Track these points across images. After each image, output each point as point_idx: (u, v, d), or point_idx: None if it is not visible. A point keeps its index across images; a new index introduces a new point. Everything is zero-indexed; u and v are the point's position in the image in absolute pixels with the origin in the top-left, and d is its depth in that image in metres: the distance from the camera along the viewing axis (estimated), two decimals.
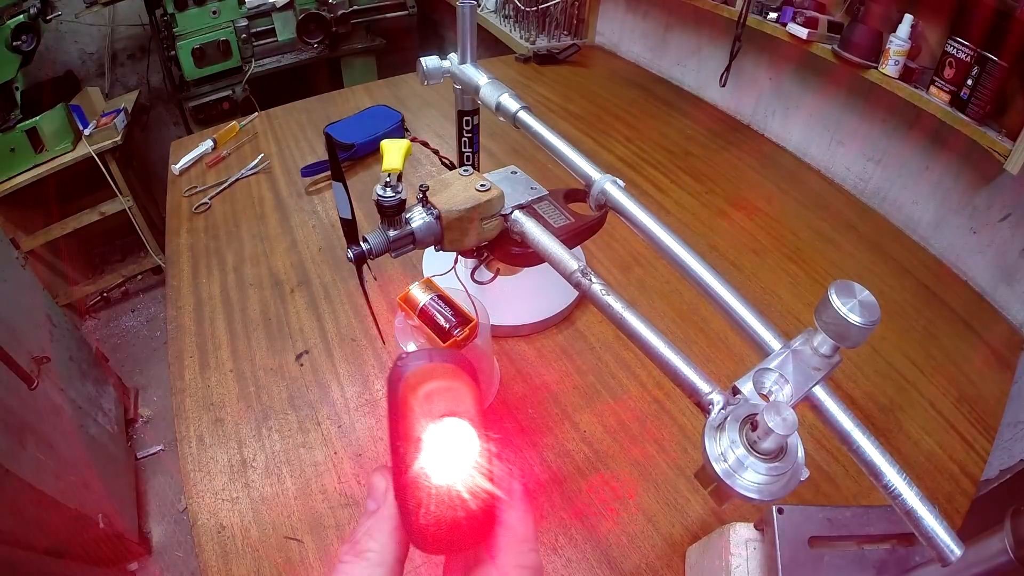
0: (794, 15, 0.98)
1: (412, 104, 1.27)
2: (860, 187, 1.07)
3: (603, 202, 0.46)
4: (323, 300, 0.79)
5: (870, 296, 0.31)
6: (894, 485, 0.31)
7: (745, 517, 0.52)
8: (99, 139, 1.69)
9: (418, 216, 0.44)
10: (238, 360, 0.71)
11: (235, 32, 1.83)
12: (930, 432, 0.67)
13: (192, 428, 0.64)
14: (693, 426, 0.65)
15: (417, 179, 1.02)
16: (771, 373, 0.32)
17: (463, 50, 0.63)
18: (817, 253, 0.91)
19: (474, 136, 0.71)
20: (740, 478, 0.28)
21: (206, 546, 0.54)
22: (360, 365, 0.71)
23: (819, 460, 0.63)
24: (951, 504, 0.61)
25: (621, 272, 0.85)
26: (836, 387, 0.70)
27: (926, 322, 0.81)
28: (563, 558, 0.54)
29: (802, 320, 0.79)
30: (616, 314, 0.37)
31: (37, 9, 1.47)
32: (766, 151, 1.18)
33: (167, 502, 1.54)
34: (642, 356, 0.46)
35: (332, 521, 0.56)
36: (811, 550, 0.41)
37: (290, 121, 1.21)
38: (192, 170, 1.07)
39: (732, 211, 0.99)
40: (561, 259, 0.42)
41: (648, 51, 1.50)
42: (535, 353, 0.73)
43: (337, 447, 0.62)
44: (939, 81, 0.81)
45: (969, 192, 0.89)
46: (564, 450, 0.62)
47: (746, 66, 1.21)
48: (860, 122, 1.03)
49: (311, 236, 0.90)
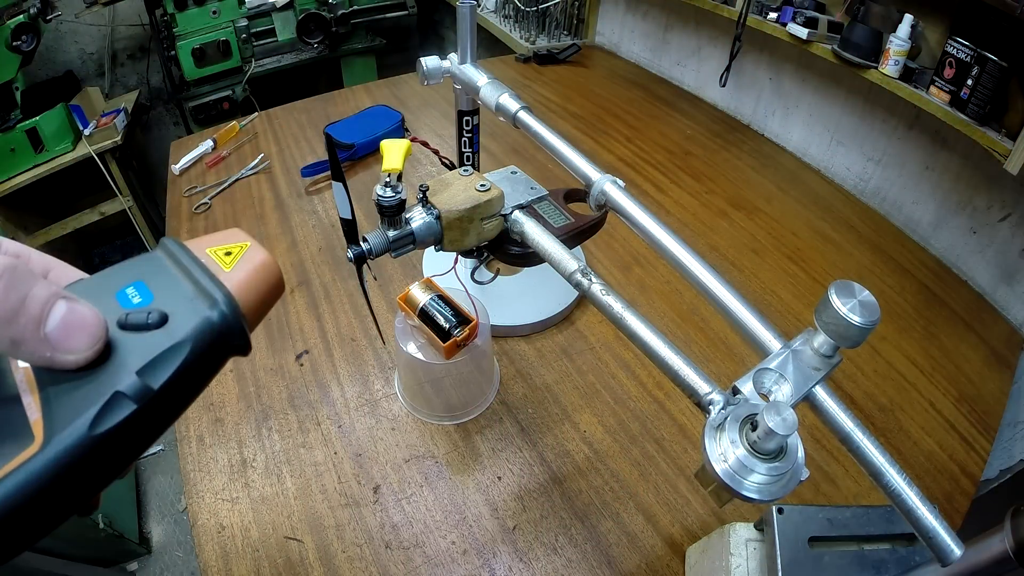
0: (794, 15, 0.98)
1: (412, 104, 1.27)
2: (860, 187, 1.07)
3: (603, 202, 0.46)
4: (323, 300, 0.79)
5: (870, 296, 0.31)
6: (894, 485, 0.31)
7: (745, 517, 0.52)
8: (99, 139, 1.69)
9: (418, 216, 0.44)
10: (238, 360, 0.71)
11: (235, 32, 1.83)
12: (930, 432, 0.67)
13: (192, 428, 0.64)
14: (693, 426, 0.65)
15: (417, 179, 1.02)
16: (771, 373, 0.32)
17: (463, 50, 0.63)
18: (817, 253, 0.91)
19: (474, 136, 0.71)
20: (740, 478, 0.28)
21: (206, 546, 0.54)
22: (360, 365, 0.71)
23: (819, 460, 0.63)
24: (951, 504, 0.61)
25: (621, 272, 0.85)
26: (836, 387, 0.70)
27: (926, 322, 0.81)
28: (563, 558, 0.54)
29: (802, 320, 0.79)
30: (616, 314, 0.37)
31: (37, 9, 1.47)
32: (766, 151, 1.18)
33: (167, 502, 1.54)
34: (642, 356, 0.46)
35: (332, 521, 0.56)
36: (811, 550, 0.41)
37: (290, 121, 1.21)
38: (192, 170, 1.07)
39: (732, 211, 0.99)
40: (561, 259, 0.42)
41: (648, 51, 1.50)
42: (535, 353, 0.73)
43: (337, 447, 0.62)
44: (939, 81, 0.81)
45: (969, 192, 0.89)
46: (564, 450, 0.62)
47: (746, 66, 1.22)
48: (860, 122, 1.03)
49: (311, 236, 0.90)
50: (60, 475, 0.18)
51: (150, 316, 0.21)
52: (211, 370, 0.22)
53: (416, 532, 0.55)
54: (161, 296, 0.22)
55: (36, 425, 0.19)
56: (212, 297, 0.22)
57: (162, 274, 0.23)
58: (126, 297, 0.22)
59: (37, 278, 0.20)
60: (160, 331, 0.21)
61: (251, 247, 0.24)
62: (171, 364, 0.20)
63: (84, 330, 0.20)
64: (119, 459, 0.20)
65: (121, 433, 0.19)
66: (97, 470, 0.19)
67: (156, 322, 0.21)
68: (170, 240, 0.24)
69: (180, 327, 0.21)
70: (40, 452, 0.18)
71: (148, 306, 0.21)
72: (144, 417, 0.20)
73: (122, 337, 0.21)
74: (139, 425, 0.20)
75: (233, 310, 0.22)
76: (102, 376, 0.20)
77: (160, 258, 0.23)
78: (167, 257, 0.23)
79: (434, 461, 0.61)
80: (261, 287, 0.24)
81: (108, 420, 0.19)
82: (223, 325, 0.22)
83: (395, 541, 0.55)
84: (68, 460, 0.18)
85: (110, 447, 0.19)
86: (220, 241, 0.24)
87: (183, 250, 0.23)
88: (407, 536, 0.55)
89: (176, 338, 0.21)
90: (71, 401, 0.19)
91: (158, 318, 0.21)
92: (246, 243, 0.25)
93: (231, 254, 0.24)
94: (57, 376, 0.20)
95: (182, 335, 0.21)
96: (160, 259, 0.23)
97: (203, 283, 0.22)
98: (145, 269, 0.23)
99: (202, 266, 0.23)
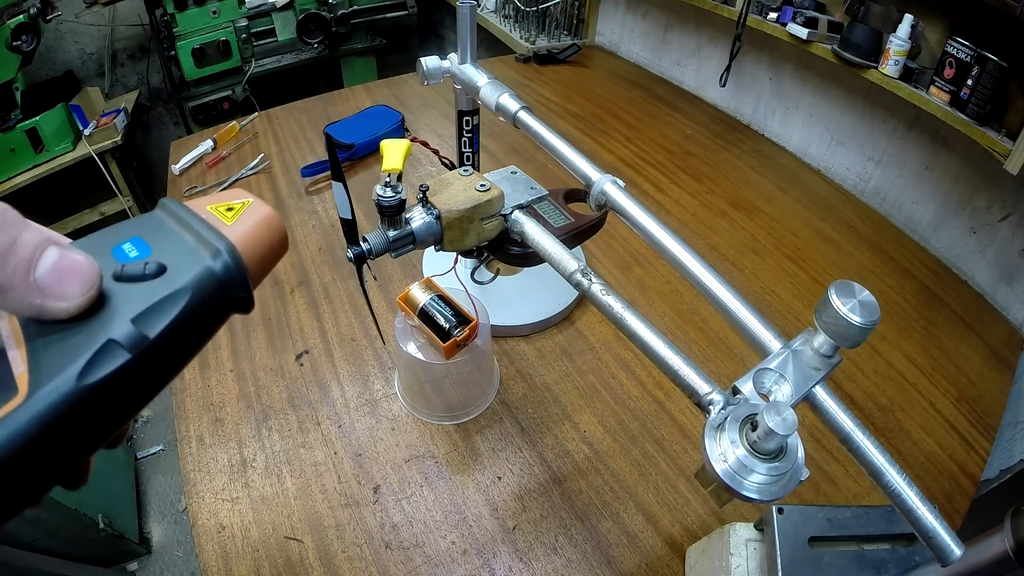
0: (794, 15, 0.98)
1: (412, 104, 1.27)
2: (860, 187, 1.07)
3: (603, 202, 0.46)
4: (323, 300, 0.79)
5: (870, 296, 0.31)
6: (894, 485, 0.31)
7: (745, 517, 0.52)
8: (99, 139, 1.69)
9: (418, 216, 0.44)
10: (238, 360, 0.71)
11: (235, 32, 1.83)
12: (930, 432, 0.67)
13: (192, 428, 0.64)
14: (693, 426, 0.65)
15: (417, 179, 1.02)
16: (771, 373, 0.32)
17: (463, 50, 0.63)
18: (817, 253, 0.91)
19: (474, 136, 0.72)
20: (740, 478, 0.28)
21: (206, 546, 0.54)
22: (360, 365, 0.71)
23: (819, 460, 0.63)
24: (951, 504, 0.61)
25: (621, 272, 0.85)
26: (836, 387, 0.70)
27: (926, 322, 0.81)
28: (563, 558, 0.54)
29: (802, 320, 0.79)
30: (616, 314, 0.37)
31: (37, 9, 1.47)
32: (766, 151, 1.18)
33: (167, 502, 1.54)
34: (642, 356, 0.46)
35: (332, 521, 0.56)
36: (811, 550, 0.41)
37: (290, 121, 1.21)
38: (192, 170, 1.07)
39: (732, 211, 0.99)
40: (561, 259, 0.42)
41: (648, 51, 1.50)
42: (535, 353, 0.73)
43: (337, 447, 0.62)
44: (939, 81, 0.81)
45: (969, 192, 0.89)
46: (564, 450, 0.62)
47: (746, 66, 1.22)
48: (860, 122, 1.03)
49: (311, 236, 0.90)
50: (45, 430, 0.17)
51: (147, 267, 0.20)
52: (212, 324, 0.21)
53: (416, 532, 0.55)
54: (160, 249, 0.21)
55: (21, 379, 0.17)
56: (214, 247, 0.21)
57: (161, 229, 0.22)
58: (123, 252, 0.21)
59: (27, 223, 0.19)
60: (158, 280, 0.20)
61: (253, 203, 0.24)
62: (169, 312, 0.19)
63: (77, 275, 0.19)
64: (110, 416, 0.19)
65: (113, 385, 0.18)
66: (86, 427, 0.18)
67: (153, 272, 0.20)
68: (169, 200, 0.23)
69: (179, 276, 0.20)
70: (24, 404, 0.17)
71: (146, 258, 0.21)
72: (138, 369, 0.19)
73: (117, 288, 0.20)
74: (132, 378, 0.19)
75: (236, 260, 0.21)
76: (94, 326, 0.19)
77: (160, 216, 0.23)
78: (167, 215, 0.23)
79: (434, 461, 0.61)
80: (264, 241, 0.23)
81: (99, 370, 0.18)
82: (225, 275, 0.21)
83: (395, 541, 0.55)
84: (54, 413, 0.17)
85: (100, 401, 0.18)
86: (222, 199, 0.24)
87: (183, 208, 0.23)
88: (407, 536, 0.55)
89: (175, 286, 0.20)
90: (60, 352, 0.18)
91: (156, 268, 0.20)
92: (248, 200, 0.24)
93: (233, 210, 0.23)
94: (46, 328, 0.18)
95: (181, 283, 0.20)
96: (160, 217, 0.23)
97: (204, 234, 0.21)
98: (144, 226, 0.22)
99: (203, 220, 0.22)
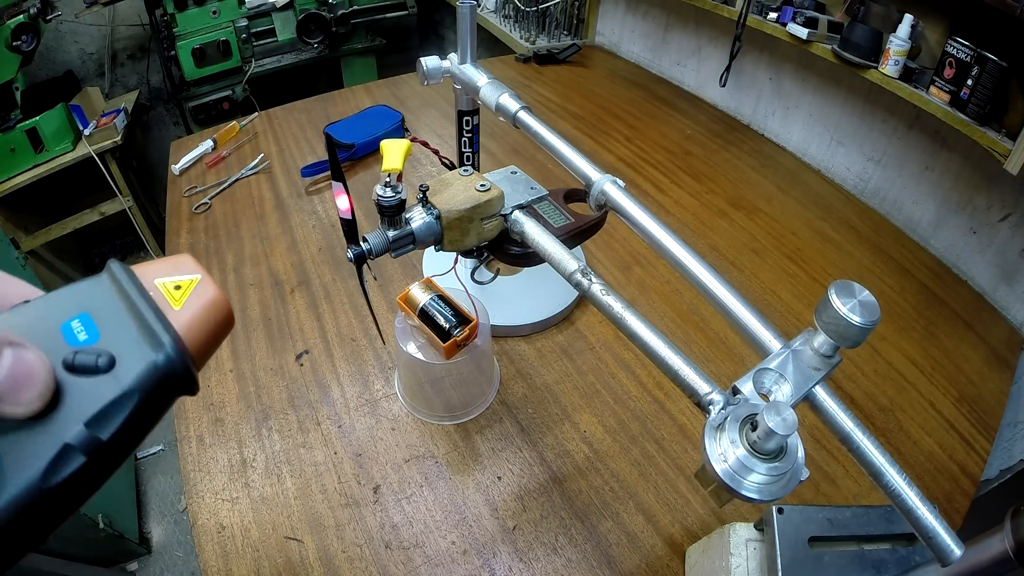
0: (794, 15, 0.98)
1: (412, 104, 1.27)
2: (860, 187, 1.07)
3: (603, 202, 0.46)
4: (323, 300, 0.79)
5: (870, 296, 0.31)
6: (894, 485, 0.31)
7: (745, 517, 0.52)
8: (99, 139, 1.69)
9: (418, 216, 0.44)
10: (238, 360, 0.71)
11: (235, 32, 1.83)
12: (930, 432, 0.67)
13: (192, 428, 0.64)
14: (693, 426, 0.65)
15: (417, 179, 1.02)
16: (771, 373, 0.32)
17: (463, 50, 0.63)
18: (817, 253, 0.91)
19: (474, 136, 0.72)
20: (740, 478, 0.28)
21: (206, 546, 0.54)
22: (360, 365, 0.71)
23: (819, 460, 0.63)
24: (951, 504, 0.61)
25: (621, 272, 0.85)
26: (836, 387, 0.70)
27: (926, 322, 0.81)
28: (563, 558, 0.54)
29: (802, 320, 0.79)
30: (616, 314, 0.37)
31: (37, 9, 1.47)
32: (766, 151, 1.18)
33: (167, 502, 1.54)
34: (642, 356, 0.46)
35: (332, 521, 0.56)
36: (811, 550, 0.41)
37: (290, 121, 1.21)
38: (192, 170, 1.07)
39: (732, 211, 0.99)
40: (561, 259, 0.42)
41: (648, 51, 1.50)
42: (535, 353, 0.73)
43: (337, 447, 0.62)
44: (939, 81, 0.81)
45: (969, 192, 0.89)
46: (564, 450, 0.62)
47: (746, 66, 1.22)
48: (860, 122, 1.03)
49: (311, 236, 0.90)
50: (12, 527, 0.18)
51: (99, 360, 0.21)
52: (158, 413, 0.22)
53: (416, 532, 0.55)
54: (107, 334, 0.22)
55: None
56: (159, 340, 0.21)
57: (108, 307, 0.22)
58: (71, 332, 0.21)
59: None
60: (108, 376, 0.21)
61: (201, 282, 0.24)
62: (120, 414, 0.20)
63: (31, 381, 0.19)
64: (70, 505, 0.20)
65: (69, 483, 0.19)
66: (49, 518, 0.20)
67: (104, 366, 0.21)
68: (117, 265, 0.23)
69: (128, 372, 0.21)
70: None
71: (95, 346, 0.21)
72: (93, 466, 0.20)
73: (69, 380, 0.20)
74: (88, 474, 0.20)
75: (180, 355, 0.22)
76: (51, 426, 0.20)
77: (107, 286, 0.23)
78: (113, 285, 0.23)
79: (434, 461, 0.61)
80: (210, 326, 0.24)
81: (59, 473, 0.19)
82: (170, 369, 0.21)
83: (395, 541, 0.55)
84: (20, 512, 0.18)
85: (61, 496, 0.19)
86: (170, 271, 0.24)
87: (131, 280, 0.23)
88: (407, 536, 0.55)
89: (124, 385, 0.20)
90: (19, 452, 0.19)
91: (106, 362, 0.21)
92: (196, 277, 0.24)
93: (180, 288, 0.24)
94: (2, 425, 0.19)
95: (130, 382, 0.21)
96: (107, 288, 0.23)
97: (151, 323, 0.22)
98: (92, 298, 0.22)
99: (150, 301, 0.22)
